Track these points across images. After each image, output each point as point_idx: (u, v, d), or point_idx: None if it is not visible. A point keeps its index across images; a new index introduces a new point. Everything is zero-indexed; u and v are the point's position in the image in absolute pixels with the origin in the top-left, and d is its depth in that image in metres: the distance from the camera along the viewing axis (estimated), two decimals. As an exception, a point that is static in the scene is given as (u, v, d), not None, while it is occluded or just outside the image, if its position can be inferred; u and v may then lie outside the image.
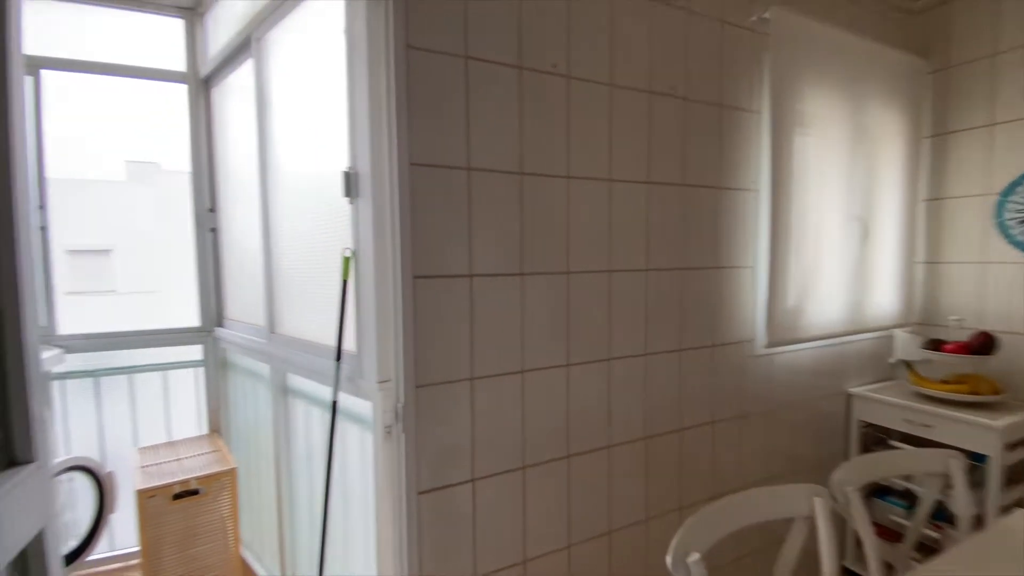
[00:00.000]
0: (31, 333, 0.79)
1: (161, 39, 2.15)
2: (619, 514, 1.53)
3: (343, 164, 1.27)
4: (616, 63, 1.44)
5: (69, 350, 2.02)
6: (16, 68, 0.74)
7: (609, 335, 1.48)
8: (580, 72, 1.38)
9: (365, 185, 1.22)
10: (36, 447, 0.77)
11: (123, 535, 2.13)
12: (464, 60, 1.21)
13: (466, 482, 1.27)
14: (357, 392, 1.32)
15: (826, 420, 2.04)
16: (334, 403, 1.38)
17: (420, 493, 1.21)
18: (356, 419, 1.46)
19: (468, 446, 1.27)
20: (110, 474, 1.86)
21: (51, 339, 2.00)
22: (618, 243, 1.48)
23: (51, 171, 2.03)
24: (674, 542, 0.93)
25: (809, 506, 1.07)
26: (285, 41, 1.60)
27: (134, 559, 2.08)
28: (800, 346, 1.90)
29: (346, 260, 1.31)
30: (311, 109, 1.51)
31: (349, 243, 1.30)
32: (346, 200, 1.28)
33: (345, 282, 1.32)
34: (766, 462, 1.85)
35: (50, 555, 0.79)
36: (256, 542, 2.13)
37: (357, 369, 1.31)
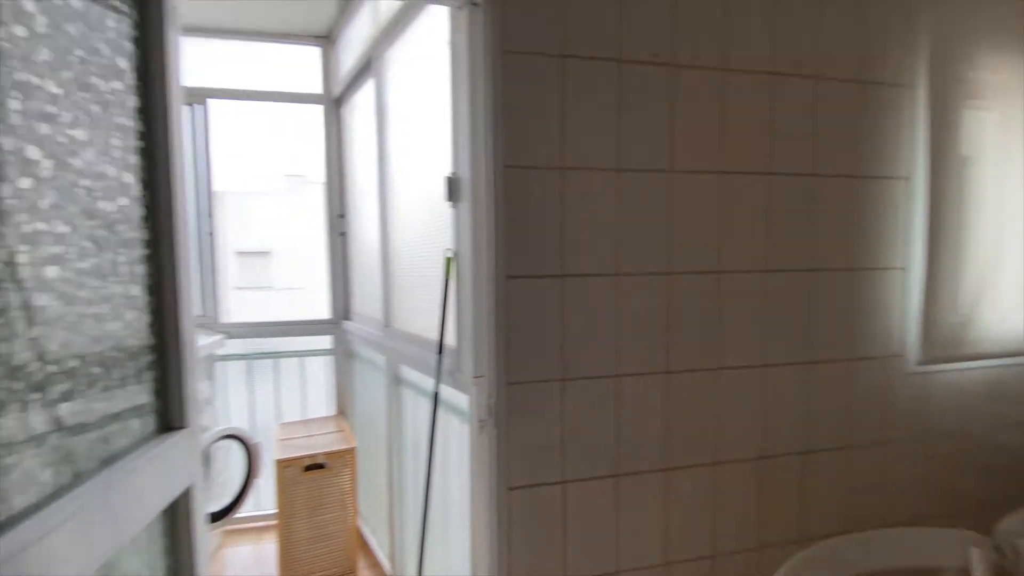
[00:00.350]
0: (187, 322, 0.94)
1: (302, 66, 2.45)
2: (725, 538, 1.40)
3: (446, 170, 1.33)
4: (730, 45, 1.32)
5: (230, 336, 2.39)
6: (176, 100, 0.89)
7: (718, 342, 1.37)
8: (686, 59, 1.29)
9: (465, 189, 1.27)
10: (187, 416, 0.92)
11: (266, 498, 2.46)
12: (560, 59, 1.20)
13: (556, 483, 1.25)
14: (456, 385, 1.38)
15: (1003, 456, 1.67)
16: (436, 394, 1.46)
17: (510, 489, 1.22)
18: (456, 411, 1.53)
19: (558, 447, 1.25)
20: (257, 444, 2.16)
21: (216, 326, 2.38)
22: (730, 241, 1.36)
23: (222, 185, 2.42)
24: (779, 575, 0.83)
25: (963, 556, 0.88)
26: (399, 59, 1.72)
27: (272, 520, 2.41)
28: (969, 364, 1.58)
29: (448, 260, 1.38)
30: (421, 120, 1.61)
31: (451, 245, 1.36)
32: (449, 204, 1.34)
33: (447, 281, 1.39)
34: (914, 498, 1.57)
35: (194, 509, 0.93)
36: (372, 516, 2.33)
37: (456, 363, 1.37)
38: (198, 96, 2.25)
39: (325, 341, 2.62)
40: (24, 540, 0.56)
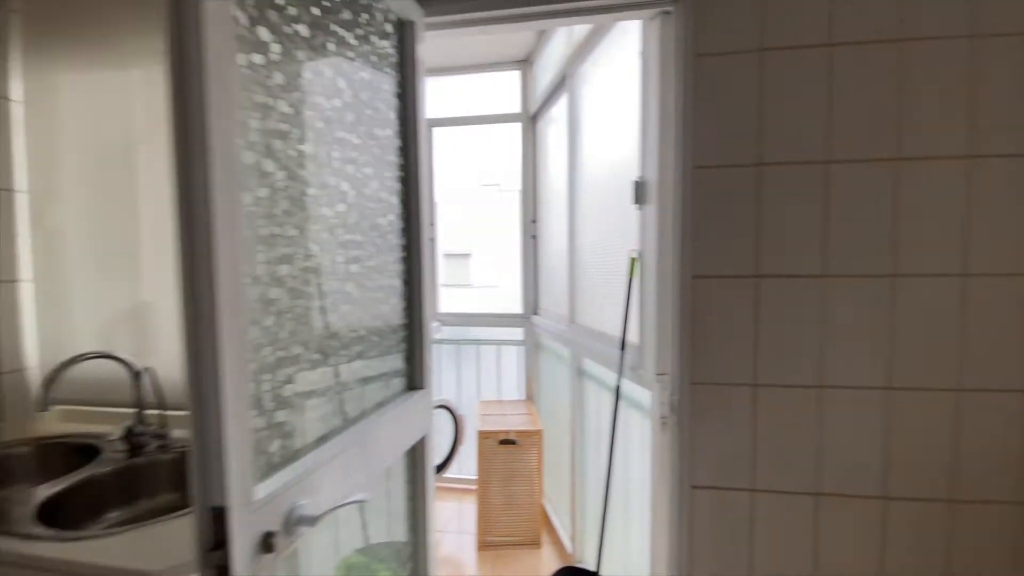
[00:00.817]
0: (427, 308, 1.20)
1: (503, 89, 2.77)
2: (967, 593, 1.18)
3: (633, 175, 1.41)
4: (978, 6, 1.11)
5: (443, 324, 2.84)
6: (423, 138, 1.15)
7: (961, 358, 1.16)
8: (919, 30, 1.13)
9: (652, 192, 1.32)
10: (425, 380, 1.18)
11: (467, 465, 2.86)
12: (758, 54, 1.17)
13: (744, 490, 1.22)
14: (638, 381, 1.44)
15: None
16: (617, 388, 1.54)
17: (694, 487, 1.24)
18: (638, 406, 1.59)
19: (748, 453, 1.22)
20: (462, 416, 2.54)
21: (434, 315, 2.85)
22: (981, 238, 1.14)
23: (437, 197, 2.89)
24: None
25: None
26: (590, 73, 1.85)
27: (471, 485, 2.78)
28: None
29: (632, 261, 1.45)
30: (610, 129, 1.70)
31: (636, 245, 1.43)
32: (635, 207, 1.41)
33: (631, 280, 1.46)
34: None
35: (428, 453, 1.19)
36: (555, 497, 2.51)
37: (639, 360, 1.43)
38: (427, 127, 2.72)
39: (517, 333, 2.91)
40: (334, 451, 0.83)
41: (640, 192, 1.38)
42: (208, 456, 0.58)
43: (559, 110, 2.22)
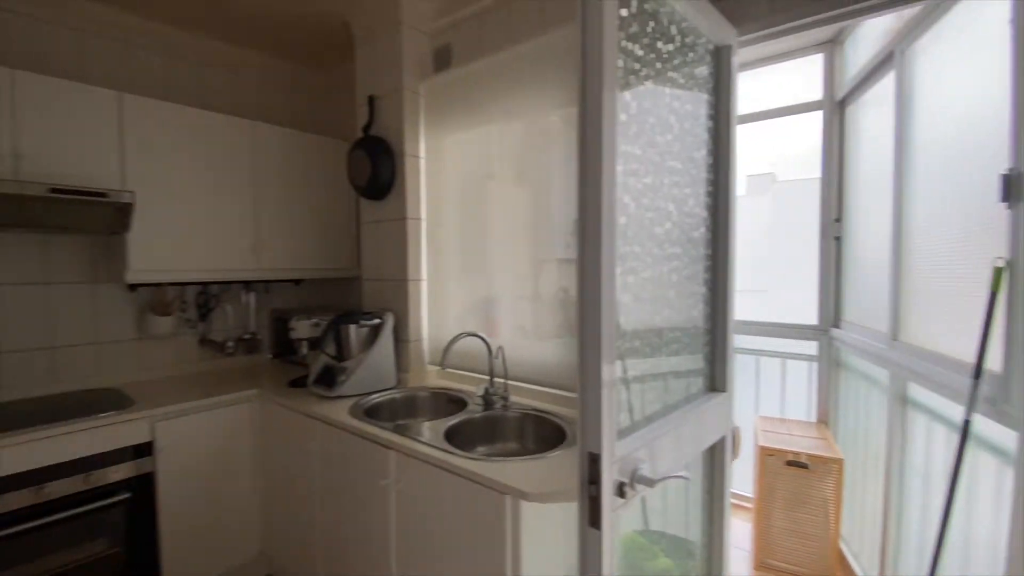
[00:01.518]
0: (731, 314, 1.26)
1: (800, 76, 2.52)
2: None
3: (1000, 165, 1.16)
4: None
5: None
6: (734, 153, 1.21)
7: None
8: None
9: (1033, 186, 1.07)
10: (726, 384, 1.24)
11: (740, 480, 2.72)
12: None
13: None
14: (999, 418, 1.18)
15: None
16: (966, 423, 1.28)
17: (1093, 565, 0.96)
18: (992, 447, 1.29)
19: None
20: (737, 428, 2.44)
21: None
22: None
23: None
24: None
25: None
26: (931, 49, 1.56)
27: (745, 502, 2.64)
28: None
29: (997, 271, 1.19)
30: (961, 112, 1.42)
31: (1003, 252, 1.17)
32: (1002, 205, 1.16)
33: (994, 294, 1.20)
34: None
35: (726, 453, 1.25)
36: (855, 540, 2.19)
37: (1002, 392, 1.17)
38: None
39: (809, 347, 2.61)
40: (662, 430, 0.98)
41: (1012, 187, 1.13)
42: (589, 415, 0.79)
43: (882, 92, 1.92)
